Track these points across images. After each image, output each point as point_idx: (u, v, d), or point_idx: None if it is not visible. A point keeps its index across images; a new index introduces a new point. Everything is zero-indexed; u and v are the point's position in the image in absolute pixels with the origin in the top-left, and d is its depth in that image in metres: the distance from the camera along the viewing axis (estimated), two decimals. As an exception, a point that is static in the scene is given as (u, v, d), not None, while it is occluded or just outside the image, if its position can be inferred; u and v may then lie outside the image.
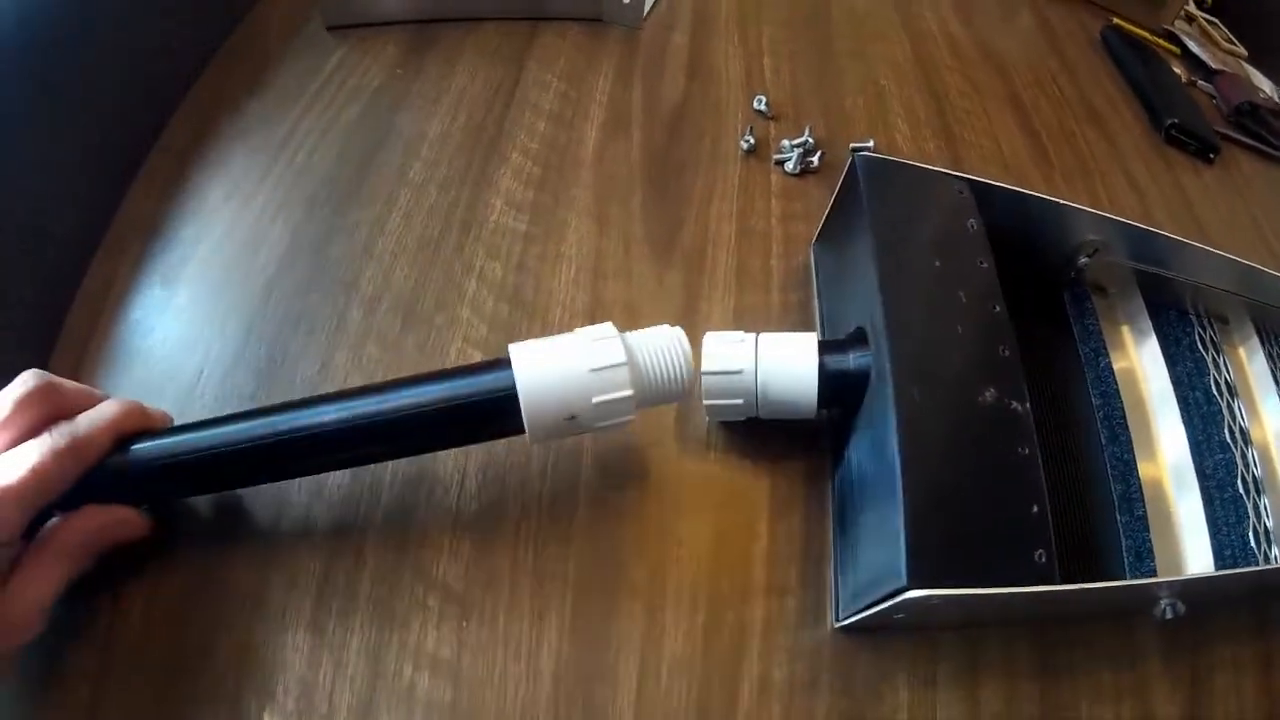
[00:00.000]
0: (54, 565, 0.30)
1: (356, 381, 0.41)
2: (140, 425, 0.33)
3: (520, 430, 0.33)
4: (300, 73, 0.57)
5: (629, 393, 0.33)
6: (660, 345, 0.35)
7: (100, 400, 0.33)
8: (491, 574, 0.37)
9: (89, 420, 0.32)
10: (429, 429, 0.34)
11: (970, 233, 0.40)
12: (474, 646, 0.35)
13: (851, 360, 0.38)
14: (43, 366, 0.33)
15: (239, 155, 0.52)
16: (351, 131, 0.54)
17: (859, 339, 0.38)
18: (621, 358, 0.33)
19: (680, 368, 0.35)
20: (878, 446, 0.34)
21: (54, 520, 0.31)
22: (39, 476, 0.29)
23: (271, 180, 0.50)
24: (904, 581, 0.29)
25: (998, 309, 0.37)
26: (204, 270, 0.46)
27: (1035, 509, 0.32)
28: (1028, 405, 0.34)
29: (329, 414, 0.33)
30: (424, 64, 0.59)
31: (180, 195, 0.49)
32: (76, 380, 0.33)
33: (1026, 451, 0.33)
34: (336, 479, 0.38)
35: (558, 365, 0.33)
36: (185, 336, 0.43)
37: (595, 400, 0.33)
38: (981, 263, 0.39)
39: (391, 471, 0.39)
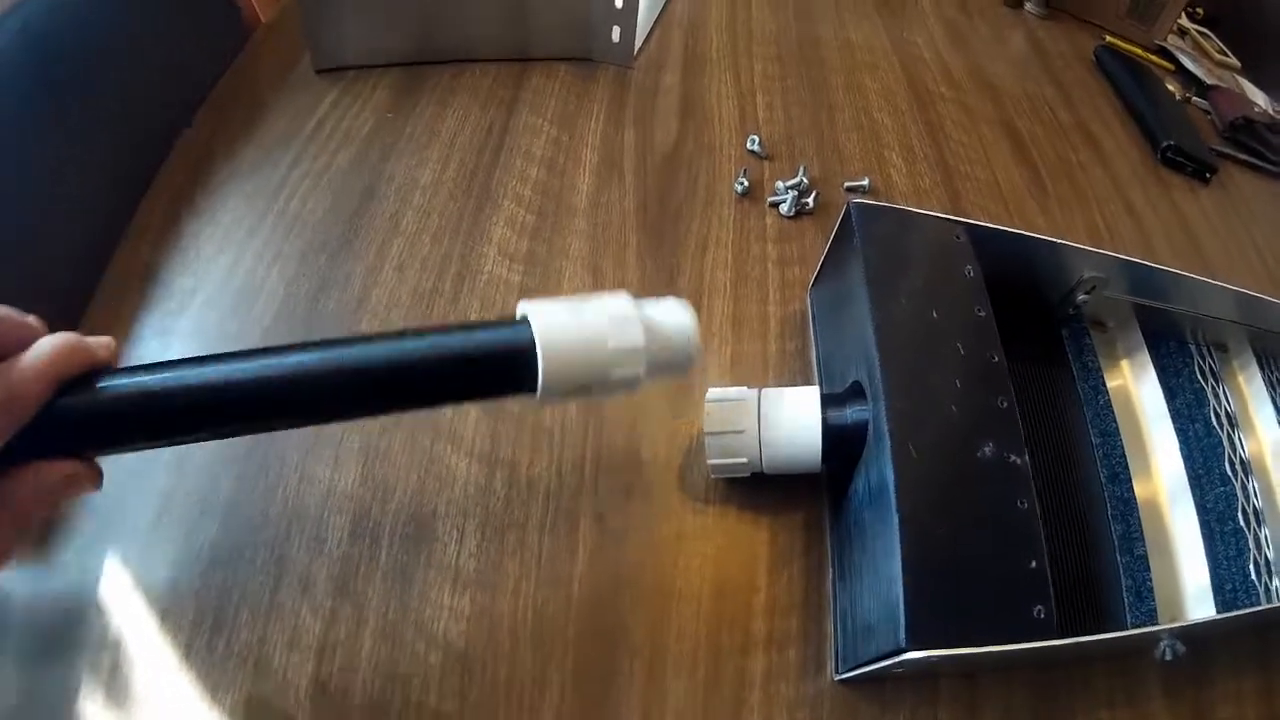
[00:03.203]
0: None
1: (354, 441, 0.41)
2: (85, 364, 0.28)
3: (528, 392, 0.31)
4: (292, 117, 0.57)
5: (641, 371, 0.32)
6: (670, 323, 0.33)
7: (33, 330, 0.28)
8: (492, 631, 0.37)
9: (22, 369, 0.27)
10: (431, 380, 0.30)
11: (967, 279, 0.40)
12: (476, 703, 0.35)
13: (849, 415, 0.38)
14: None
15: (233, 202, 0.52)
16: (344, 179, 0.54)
17: (856, 393, 0.38)
18: (641, 341, 0.31)
19: (688, 347, 0.33)
20: (876, 503, 0.34)
21: None
22: None
23: (265, 229, 0.50)
24: (903, 643, 0.29)
25: (995, 359, 0.37)
26: (199, 323, 0.46)
27: (1034, 564, 0.31)
28: (1025, 458, 0.34)
29: (326, 356, 0.29)
30: (414, 107, 0.59)
31: (175, 243, 0.49)
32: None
33: (1025, 505, 0.33)
34: (336, 537, 0.38)
35: (579, 337, 0.31)
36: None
37: (613, 376, 0.31)
38: (979, 310, 0.38)
39: (390, 530, 0.39)
